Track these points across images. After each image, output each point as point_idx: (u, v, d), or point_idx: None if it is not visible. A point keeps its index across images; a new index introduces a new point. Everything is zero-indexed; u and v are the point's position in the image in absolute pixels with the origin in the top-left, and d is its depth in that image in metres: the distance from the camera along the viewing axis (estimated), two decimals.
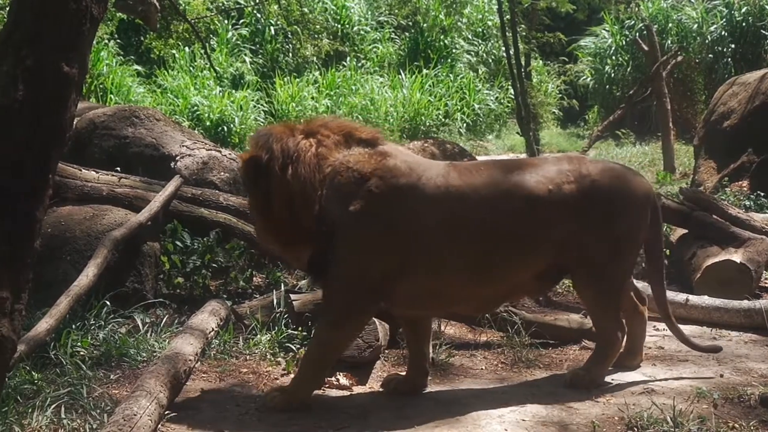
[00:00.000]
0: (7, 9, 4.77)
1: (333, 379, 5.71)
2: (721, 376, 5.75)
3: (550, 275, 5.64)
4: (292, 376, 5.77)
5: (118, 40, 22.48)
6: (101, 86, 20.53)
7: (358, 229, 5.18)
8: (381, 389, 5.63)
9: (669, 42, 22.80)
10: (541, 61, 25.86)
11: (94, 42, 5.71)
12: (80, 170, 7.98)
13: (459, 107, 23.42)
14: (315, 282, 6.03)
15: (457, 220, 5.29)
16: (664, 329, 6.88)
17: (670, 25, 23.79)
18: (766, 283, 8.31)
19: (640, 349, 6.10)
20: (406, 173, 5.30)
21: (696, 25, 23.31)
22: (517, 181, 5.40)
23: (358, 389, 5.67)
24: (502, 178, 5.44)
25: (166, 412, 5.00)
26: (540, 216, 5.36)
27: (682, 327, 6.95)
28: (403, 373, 5.70)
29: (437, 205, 5.27)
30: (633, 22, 23.75)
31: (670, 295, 7.29)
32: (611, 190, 5.53)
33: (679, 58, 18.63)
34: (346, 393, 5.60)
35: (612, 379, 5.70)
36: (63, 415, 4.90)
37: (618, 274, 5.66)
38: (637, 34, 21.70)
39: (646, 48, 17.72)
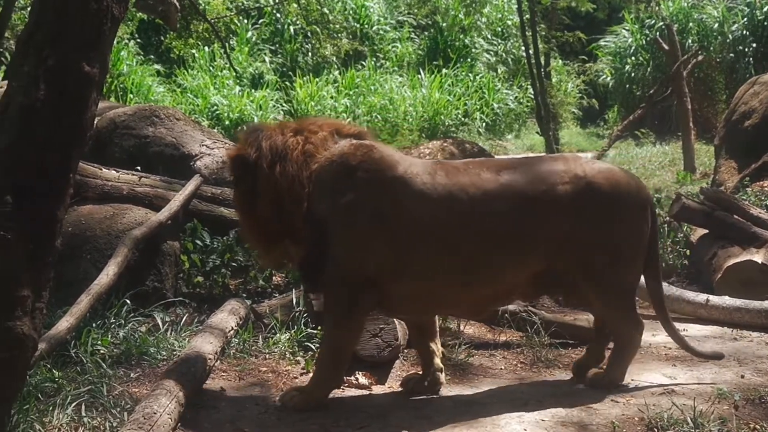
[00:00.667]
0: (29, 9, 4.78)
1: (352, 378, 5.71)
2: (742, 377, 5.72)
3: (546, 279, 5.46)
4: (311, 375, 5.79)
5: (139, 40, 22.60)
6: (121, 86, 20.63)
7: (348, 221, 5.17)
8: (400, 389, 5.62)
9: (689, 41, 22.70)
10: (560, 61, 25.81)
11: (115, 42, 5.73)
12: (101, 169, 8.00)
13: (478, 107, 23.39)
14: (309, 285, 5.90)
15: (444, 218, 5.24)
16: (684, 329, 6.86)
17: (690, 24, 23.68)
18: None
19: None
20: (392, 166, 5.29)
21: (717, 24, 23.20)
22: (507, 181, 5.32)
23: (377, 389, 5.68)
24: (491, 177, 5.33)
25: (186, 411, 5.01)
26: (530, 217, 5.28)
27: (702, 327, 6.95)
28: (421, 373, 5.70)
29: (423, 202, 5.23)
30: (653, 21, 23.66)
31: (691, 295, 7.28)
32: (608, 192, 5.39)
33: (700, 58, 18.54)
34: (365, 392, 5.60)
35: (632, 380, 5.67)
36: (83, 413, 4.92)
37: (622, 277, 5.52)
38: (658, 33, 21.62)
39: (666, 47, 17.64)
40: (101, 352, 5.89)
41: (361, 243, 5.19)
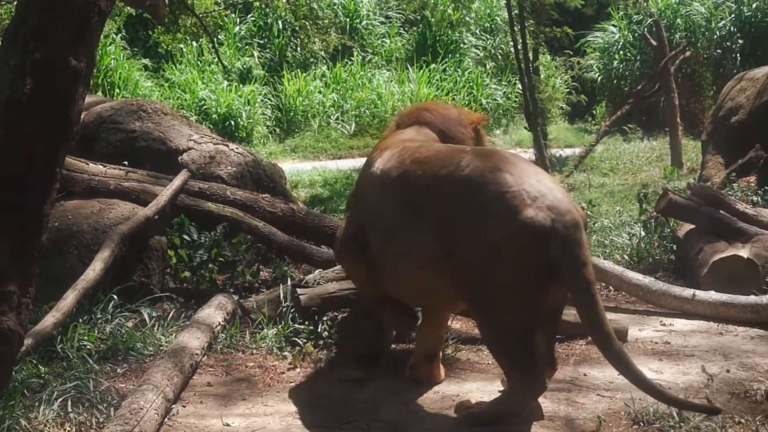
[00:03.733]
0: (15, 3, 4.78)
1: (340, 372, 5.72)
2: (728, 371, 5.74)
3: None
4: (298, 370, 5.80)
5: (126, 35, 22.53)
6: (109, 80, 20.61)
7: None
8: (388, 382, 5.62)
9: (677, 37, 22.74)
10: (549, 56, 25.81)
11: (102, 36, 5.72)
12: (87, 164, 7.99)
13: (466, 102, 23.37)
14: None
15: (382, 204, 5.34)
16: (670, 324, 6.89)
17: (678, 20, 23.72)
18: None
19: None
20: (375, 148, 5.68)
21: (704, 21, 23.26)
22: (425, 169, 5.08)
23: (368, 382, 5.67)
24: (417, 163, 5.16)
25: (172, 406, 5.02)
26: (431, 210, 4.97)
27: (688, 322, 6.97)
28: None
29: (372, 186, 5.45)
30: (641, 17, 23.69)
31: (677, 290, 7.30)
32: (481, 190, 4.76)
33: (688, 54, 18.56)
34: (354, 386, 5.60)
35: (618, 374, 5.68)
36: (69, 409, 4.91)
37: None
38: (645, 29, 21.64)
39: (654, 43, 17.67)
40: (87, 347, 5.88)
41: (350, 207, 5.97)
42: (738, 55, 22.04)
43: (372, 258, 5.38)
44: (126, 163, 8.40)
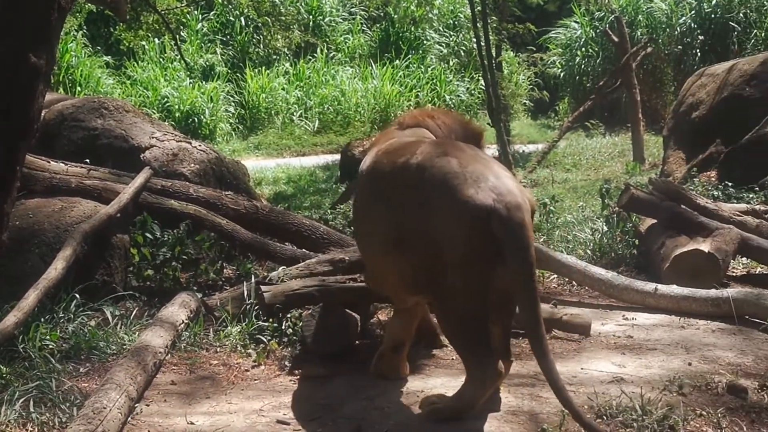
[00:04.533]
0: None
1: (305, 370, 5.71)
2: (690, 364, 5.78)
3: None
4: (262, 367, 5.79)
5: (87, 32, 22.38)
6: (70, 78, 20.47)
7: None
8: (354, 381, 5.62)
9: (639, 33, 22.92)
10: (511, 53, 25.90)
11: (63, 33, 5.67)
12: (49, 162, 7.93)
13: (430, 98, 23.43)
14: None
15: (359, 198, 5.54)
16: (633, 318, 6.93)
17: (639, 16, 23.91)
18: (734, 272, 8.38)
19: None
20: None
21: (665, 17, 23.45)
22: (388, 159, 5.19)
23: (333, 379, 5.67)
24: (385, 154, 5.29)
25: (136, 405, 4.99)
26: (390, 197, 5.06)
27: (650, 316, 7.02)
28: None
29: (358, 183, 5.59)
30: (603, 13, 23.83)
31: (639, 284, 7.35)
32: (427, 173, 4.84)
33: (649, 50, 18.69)
34: (319, 383, 5.59)
35: (582, 369, 5.72)
36: (32, 409, 4.88)
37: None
38: (607, 25, 21.77)
39: (615, 39, 17.78)
40: (50, 347, 5.84)
41: None
42: (698, 51, 22.25)
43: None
44: (88, 161, 8.35)
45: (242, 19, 23.58)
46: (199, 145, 9.56)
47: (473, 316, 4.76)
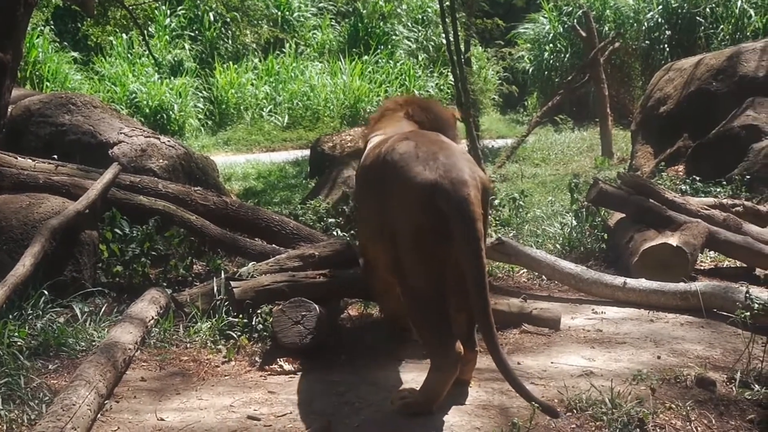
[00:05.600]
0: None
1: (275, 365, 5.70)
2: (658, 358, 5.82)
3: None
4: (233, 363, 5.78)
5: (54, 27, 22.24)
6: (37, 73, 20.33)
7: None
8: (327, 375, 5.62)
9: (606, 28, 23.05)
10: (480, 48, 25.96)
11: (29, 28, 5.63)
12: (16, 158, 7.86)
13: (399, 93, 23.44)
14: None
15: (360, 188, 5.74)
16: (602, 312, 6.97)
17: (607, 11, 24.05)
18: (701, 265, 8.44)
19: None
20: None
21: (633, 12, 23.60)
22: (378, 151, 5.39)
23: (303, 375, 5.66)
24: (374, 147, 5.59)
25: (106, 402, 4.96)
26: (374, 185, 5.30)
27: (619, 310, 7.06)
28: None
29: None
30: (571, 8, 23.95)
31: (608, 278, 7.39)
32: (388, 156, 5.06)
33: (617, 45, 18.81)
34: (289, 378, 5.59)
35: (552, 363, 5.75)
36: (0, 406, 4.84)
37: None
38: (575, 20, 21.88)
39: (583, 34, 17.88)
40: (18, 343, 5.78)
41: None
42: (666, 45, 22.41)
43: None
44: (56, 156, 8.29)
45: (211, 14, 23.50)
46: (168, 141, 9.52)
47: (429, 297, 4.86)
